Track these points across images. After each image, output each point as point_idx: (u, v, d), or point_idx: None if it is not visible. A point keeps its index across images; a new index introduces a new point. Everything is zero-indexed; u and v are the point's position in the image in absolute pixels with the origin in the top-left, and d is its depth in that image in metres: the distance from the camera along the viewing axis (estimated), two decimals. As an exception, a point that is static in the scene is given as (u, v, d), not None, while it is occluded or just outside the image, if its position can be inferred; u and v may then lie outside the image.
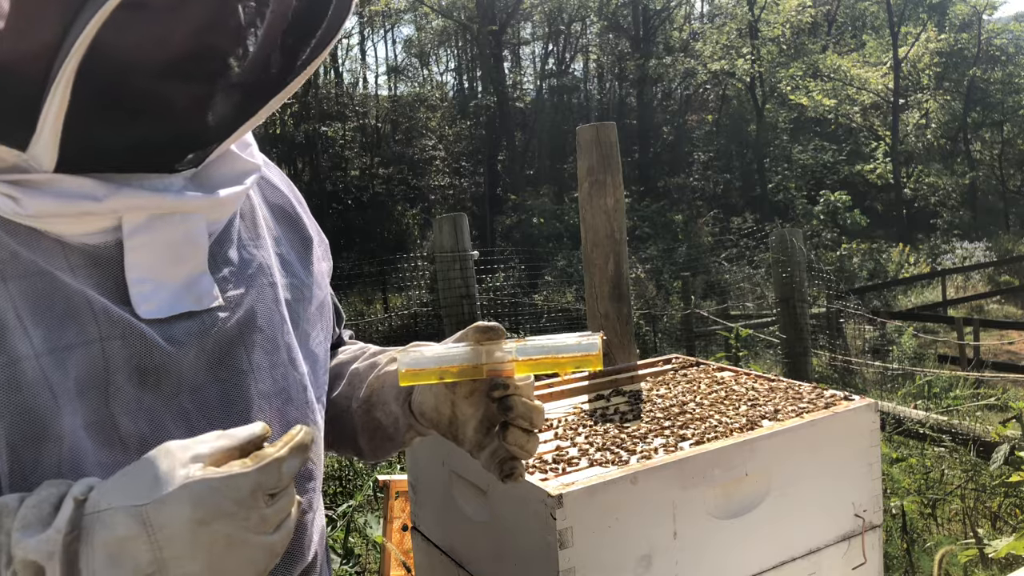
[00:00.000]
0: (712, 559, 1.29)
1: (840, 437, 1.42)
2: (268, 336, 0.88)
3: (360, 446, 1.08)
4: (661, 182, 25.67)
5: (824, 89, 25.46)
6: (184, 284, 0.80)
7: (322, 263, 1.05)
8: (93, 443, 0.74)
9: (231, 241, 0.87)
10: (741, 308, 14.60)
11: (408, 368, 0.88)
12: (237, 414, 0.83)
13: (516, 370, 0.89)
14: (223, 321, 0.83)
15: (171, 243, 0.79)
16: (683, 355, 2.08)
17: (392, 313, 13.20)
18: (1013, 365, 10.16)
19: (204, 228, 0.82)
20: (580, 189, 2.13)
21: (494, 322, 0.91)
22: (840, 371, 8.13)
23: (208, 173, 0.83)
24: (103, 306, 0.75)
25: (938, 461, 4.21)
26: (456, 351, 0.89)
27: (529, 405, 0.89)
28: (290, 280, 0.95)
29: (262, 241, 0.92)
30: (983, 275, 19.25)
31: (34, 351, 0.71)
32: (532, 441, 0.90)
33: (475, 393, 0.91)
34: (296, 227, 1.00)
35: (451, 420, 0.94)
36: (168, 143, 0.77)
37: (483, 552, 1.37)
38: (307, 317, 0.97)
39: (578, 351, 0.88)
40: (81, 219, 0.75)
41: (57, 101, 0.68)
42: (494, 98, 25.77)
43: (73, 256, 0.76)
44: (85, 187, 0.74)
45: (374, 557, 3.69)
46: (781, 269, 6.30)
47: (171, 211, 0.78)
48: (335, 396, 1.09)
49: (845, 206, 21.10)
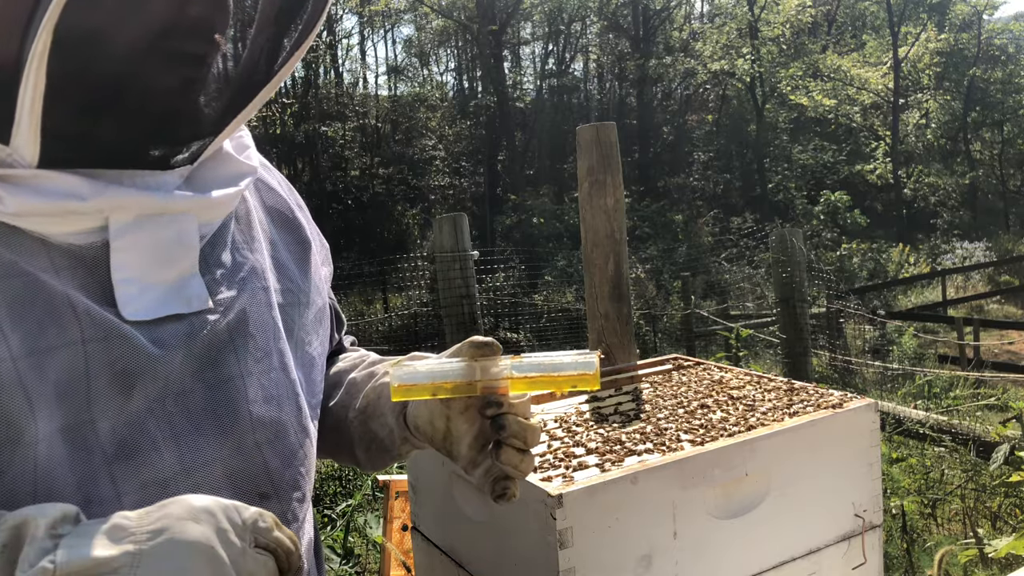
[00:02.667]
0: (712, 559, 1.29)
1: (840, 437, 1.42)
2: (259, 341, 0.85)
3: (357, 456, 1.07)
4: (661, 182, 25.67)
5: (824, 89, 25.46)
6: (173, 286, 0.78)
7: (322, 268, 1.03)
8: (69, 447, 0.72)
9: (224, 243, 0.85)
10: (741, 308, 14.60)
11: (401, 383, 0.86)
12: (224, 420, 0.81)
13: (511, 387, 0.86)
14: (213, 324, 0.81)
15: (160, 244, 0.77)
16: (683, 355, 2.08)
17: (392, 313, 13.19)
18: (1013, 365, 10.16)
19: (195, 229, 0.80)
20: (580, 189, 2.13)
21: (489, 338, 0.88)
22: (840, 371, 8.13)
23: (203, 173, 0.81)
24: (86, 307, 0.73)
25: (938, 461, 4.21)
26: (450, 367, 0.86)
27: (523, 424, 0.86)
28: (285, 285, 0.93)
29: (257, 244, 0.90)
30: (983, 275, 19.25)
31: (11, 354, 0.69)
32: (526, 461, 0.87)
33: (470, 409, 0.89)
34: (294, 231, 0.98)
35: (445, 435, 0.92)
36: (158, 134, 0.75)
37: (483, 552, 1.37)
38: (303, 323, 0.95)
39: (575, 369, 0.85)
40: (65, 218, 0.72)
41: (31, 85, 0.65)
42: (494, 98, 25.77)
43: (57, 256, 0.73)
44: (70, 185, 0.71)
45: (374, 557, 3.69)
46: (781, 269, 6.30)
47: (160, 211, 0.76)
48: (333, 405, 1.07)
49: (845, 206, 21.10)
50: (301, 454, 0.89)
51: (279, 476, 0.85)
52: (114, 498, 0.74)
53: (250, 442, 0.82)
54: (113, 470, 0.74)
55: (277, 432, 0.85)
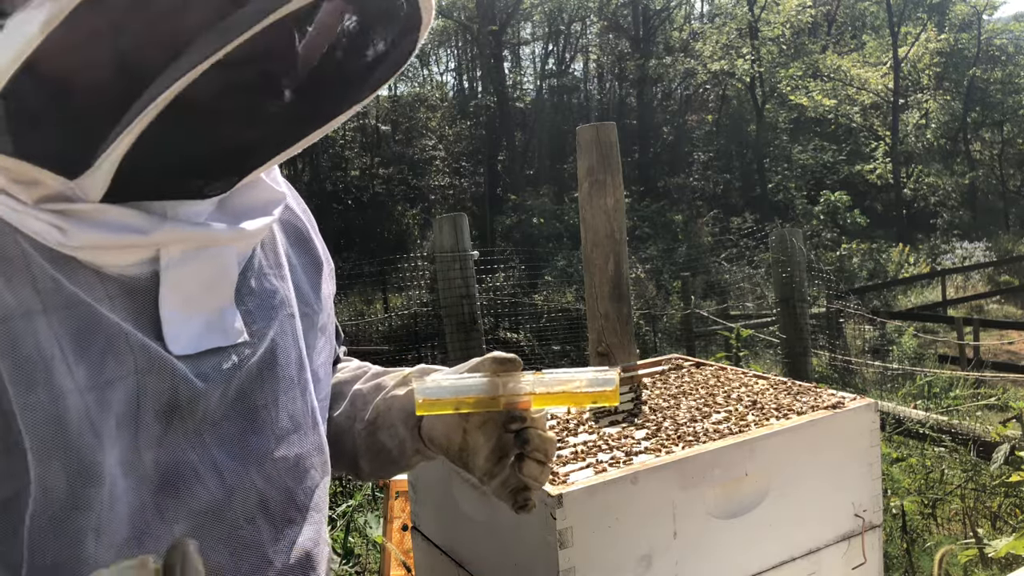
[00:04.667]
0: (712, 559, 1.29)
1: (840, 437, 1.42)
2: (286, 371, 0.87)
3: (360, 467, 1.07)
4: (661, 182, 25.66)
5: (824, 89, 25.46)
6: (213, 319, 0.79)
7: (328, 285, 1.04)
8: (124, 480, 0.72)
9: (253, 271, 0.86)
10: (741, 308, 14.60)
11: (425, 398, 0.89)
12: (254, 449, 0.82)
13: (533, 403, 0.89)
14: (247, 357, 0.82)
15: (204, 277, 0.78)
16: (683, 355, 2.08)
17: (392, 313, 13.18)
18: (1013, 365, 10.16)
19: (235, 262, 0.81)
20: (580, 189, 2.13)
21: (511, 354, 0.91)
22: (840, 371, 8.14)
23: (234, 200, 0.80)
24: (139, 340, 0.73)
25: (938, 461, 4.21)
26: (473, 382, 0.89)
27: (544, 437, 0.89)
28: (303, 309, 0.93)
29: (283, 272, 0.90)
30: (983, 275, 19.25)
31: (77, 386, 0.69)
32: (545, 472, 0.91)
33: (488, 423, 0.91)
34: (309, 251, 0.99)
35: (461, 448, 0.94)
36: (204, 166, 0.74)
37: (483, 552, 1.37)
38: (313, 343, 0.96)
39: (595, 386, 0.89)
40: (125, 251, 0.73)
41: (128, 140, 0.64)
42: (494, 98, 25.77)
43: (110, 287, 0.74)
44: (131, 219, 0.72)
45: (374, 557, 3.69)
46: (781, 269, 6.30)
47: (207, 244, 0.77)
48: (336, 416, 1.08)
49: (845, 206, 21.10)
50: (323, 480, 0.92)
51: (303, 502, 0.88)
52: (165, 531, 0.74)
53: (276, 470, 0.84)
54: (159, 501, 0.75)
55: (299, 459, 0.87)
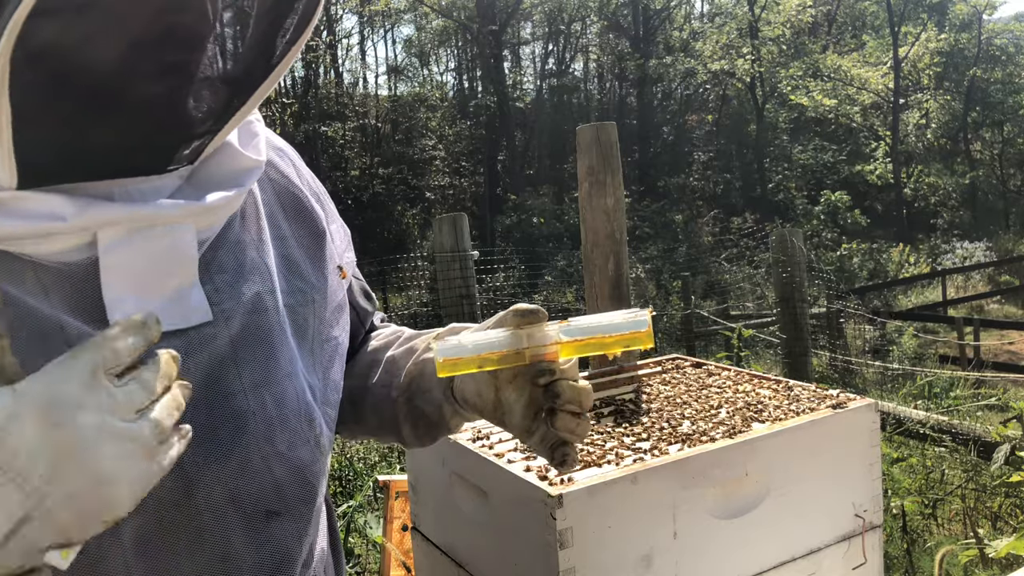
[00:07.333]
0: (712, 559, 1.29)
1: (840, 437, 1.42)
2: (264, 351, 0.81)
3: (403, 434, 1.03)
4: (661, 182, 25.65)
5: (824, 89, 25.46)
6: (170, 300, 0.75)
7: (346, 253, 1.01)
8: None
9: (228, 246, 0.81)
10: (741, 308, 14.60)
11: (446, 358, 0.83)
12: (225, 439, 0.77)
13: (561, 352, 0.84)
14: (213, 338, 0.77)
15: (153, 257, 0.73)
16: (683, 355, 2.07)
17: (392, 313, 13.17)
18: (1013, 365, 10.17)
19: (193, 239, 0.75)
20: (580, 189, 2.13)
21: (535, 304, 0.85)
22: (840, 371, 8.14)
23: (207, 171, 0.77)
24: (77, 329, 0.70)
25: (938, 461, 4.20)
26: (496, 337, 0.83)
27: (576, 388, 0.84)
28: (295, 284, 0.88)
29: (264, 245, 0.85)
30: (983, 275, 19.25)
31: None
32: (582, 424, 0.85)
33: (518, 377, 0.87)
34: (308, 222, 0.94)
35: (495, 405, 0.89)
36: (144, 141, 0.71)
37: (483, 552, 1.37)
38: (320, 320, 0.91)
39: (626, 330, 0.82)
40: (49, 239, 0.69)
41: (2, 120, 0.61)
42: (494, 98, 25.77)
43: (46, 276, 0.70)
44: (50, 205, 0.68)
45: (374, 557, 3.69)
46: (781, 269, 6.30)
47: (150, 223, 0.72)
48: (373, 384, 1.04)
49: (845, 206, 21.11)
50: (313, 465, 0.86)
51: (290, 491, 0.83)
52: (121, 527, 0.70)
53: (257, 459, 0.79)
54: None
55: (288, 445, 0.82)
